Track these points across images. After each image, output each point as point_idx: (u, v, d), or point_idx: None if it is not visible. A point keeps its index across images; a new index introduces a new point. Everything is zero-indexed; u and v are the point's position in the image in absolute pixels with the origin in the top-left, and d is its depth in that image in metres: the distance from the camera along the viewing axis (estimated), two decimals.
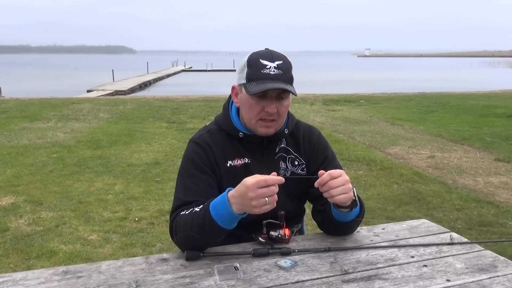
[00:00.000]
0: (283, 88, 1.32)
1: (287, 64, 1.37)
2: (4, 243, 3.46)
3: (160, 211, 4.13)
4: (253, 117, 1.39)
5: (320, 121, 9.79)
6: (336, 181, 1.24)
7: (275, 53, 1.38)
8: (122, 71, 34.37)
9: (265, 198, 1.15)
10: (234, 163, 1.43)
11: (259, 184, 1.15)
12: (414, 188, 4.86)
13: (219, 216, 1.22)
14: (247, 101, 1.38)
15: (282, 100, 1.37)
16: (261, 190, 1.15)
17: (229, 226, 1.24)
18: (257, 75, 1.33)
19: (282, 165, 1.48)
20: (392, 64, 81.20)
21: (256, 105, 1.36)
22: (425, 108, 11.84)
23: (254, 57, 1.37)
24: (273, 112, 1.36)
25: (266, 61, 1.35)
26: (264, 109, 1.36)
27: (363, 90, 18.02)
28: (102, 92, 19.39)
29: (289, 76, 1.36)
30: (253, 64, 1.36)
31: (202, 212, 1.25)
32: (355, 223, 1.40)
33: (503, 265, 1.24)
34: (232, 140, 1.46)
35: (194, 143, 1.45)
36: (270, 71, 1.33)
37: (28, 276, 1.17)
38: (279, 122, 1.41)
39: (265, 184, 1.15)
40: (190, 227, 1.26)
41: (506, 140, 7.28)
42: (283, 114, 1.40)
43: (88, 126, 8.98)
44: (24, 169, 5.56)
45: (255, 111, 1.37)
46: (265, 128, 1.40)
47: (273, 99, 1.35)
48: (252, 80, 1.34)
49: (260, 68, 1.34)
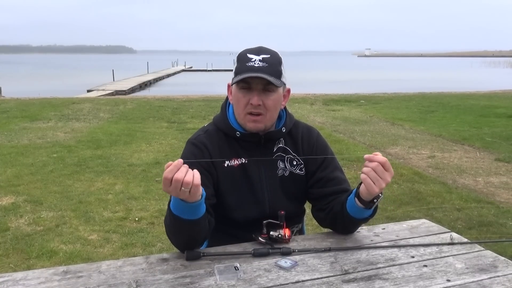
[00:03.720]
0: (261, 76, 1.32)
1: (274, 59, 1.38)
2: (4, 243, 3.46)
3: (160, 211, 4.13)
4: (241, 111, 1.40)
5: (320, 121, 9.78)
6: (385, 172, 1.23)
7: (264, 48, 1.39)
8: (122, 71, 34.38)
9: (182, 188, 1.12)
10: (231, 163, 1.43)
11: (166, 184, 1.12)
12: (414, 188, 4.86)
13: (179, 211, 1.21)
14: (235, 95, 1.40)
15: (268, 93, 1.37)
16: (171, 187, 1.12)
17: (195, 215, 1.22)
18: (242, 68, 1.35)
19: (280, 165, 1.48)
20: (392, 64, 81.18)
21: (242, 98, 1.38)
22: (425, 108, 11.83)
23: (242, 53, 1.39)
24: (256, 104, 1.35)
25: (252, 55, 1.37)
26: (249, 102, 1.36)
27: (363, 90, 18.01)
28: (102, 92, 19.39)
29: (275, 70, 1.37)
30: (240, 59, 1.38)
31: (168, 212, 1.26)
32: (362, 222, 1.39)
33: (503, 265, 1.24)
34: (230, 140, 1.46)
35: (191, 143, 1.46)
36: (255, 64, 1.35)
37: (28, 276, 1.17)
38: (267, 117, 1.39)
39: (169, 181, 1.12)
40: (168, 226, 1.28)
41: (506, 140, 7.28)
42: (271, 108, 1.39)
43: (89, 126, 8.98)
44: (25, 169, 5.56)
45: (242, 105, 1.38)
46: (253, 123, 1.39)
47: (259, 92, 1.36)
48: (237, 74, 1.36)
49: (246, 61, 1.36)
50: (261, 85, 1.36)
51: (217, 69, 50.40)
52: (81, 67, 64.07)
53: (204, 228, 1.28)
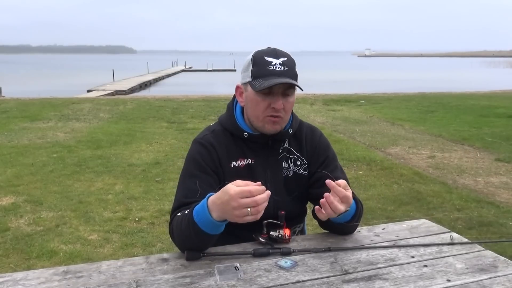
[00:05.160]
0: (290, 82, 1.33)
1: (291, 61, 1.38)
2: (5, 243, 3.46)
3: (161, 211, 4.13)
4: (260, 114, 1.38)
5: (320, 121, 9.78)
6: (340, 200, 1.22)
7: (279, 51, 1.39)
8: (122, 71, 34.37)
9: (248, 209, 1.10)
10: (238, 164, 1.43)
11: (242, 194, 1.10)
12: (414, 188, 4.86)
13: (201, 222, 1.19)
14: (254, 98, 1.37)
15: (287, 97, 1.37)
16: (244, 201, 1.09)
17: (215, 231, 1.21)
18: (263, 72, 1.34)
19: (284, 165, 1.48)
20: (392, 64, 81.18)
21: (262, 102, 1.36)
22: (425, 108, 11.83)
23: (258, 55, 1.37)
24: (280, 108, 1.36)
25: (271, 58, 1.35)
26: (271, 106, 1.36)
27: (363, 90, 18.01)
28: (102, 92, 19.39)
29: (294, 73, 1.37)
30: (258, 62, 1.36)
31: (187, 217, 1.23)
32: (355, 222, 1.39)
33: (504, 265, 1.24)
34: (236, 140, 1.45)
35: (198, 143, 1.45)
36: (276, 68, 1.34)
37: (28, 276, 1.17)
38: (284, 119, 1.41)
39: (250, 195, 1.10)
40: (181, 230, 1.25)
41: (506, 140, 7.28)
42: (289, 111, 1.41)
43: (88, 126, 8.98)
44: (25, 169, 5.56)
45: (261, 108, 1.37)
46: (272, 125, 1.39)
47: (279, 95, 1.36)
48: (258, 77, 1.34)
49: (266, 65, 1.34)
50: (282, 89, 1.36)
51: (217, 69, 50.41)
52: (81, 67, 64.04)
53: (214, 240, 1.27)
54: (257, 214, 1.11)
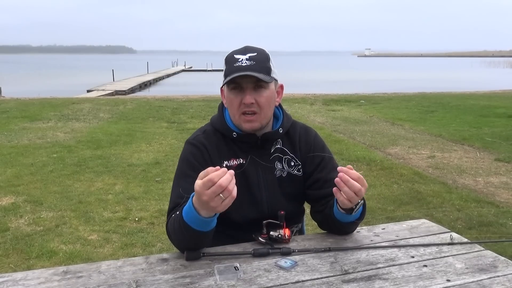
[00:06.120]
0: (248, 74, 1.32)
1: (261, 56, 1.38)
2: (4, 243, 3.46)
3: (160, 211, 4.13)
4: (236, 112, 1.40)
5: (320, 121, 9.79)
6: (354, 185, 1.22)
7: (249, 47, 1.40)
8: (122, 71, 34.38)
9: (219, 195, 1.10)
10: (230, 164, 1.43)
11: (206, 186, 1.10)
12: (414, 188, 4.86)
13: (191, 221, 1.19)
14: (228, 97, 1.41)
15: (260, 91, 1.37)
16: (211, 190, 1.09)
17: (207, 228, 1.21)
18: (231, 69, 1.36)
19: (278, 166, 1.47)
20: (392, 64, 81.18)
21: (235, 99, 1.38)
22: (425, 108, 11.83)
23: (229, 54, 1.40)
24: (249, 103, 1.35)
25: (239, 55, 1.37)
26: (242, 102, 1.36)
27: (363, 90, 18.02)
28: (102, 92, 19.40)
29: (264, 66, 1.37)
30: (228, 60, 1.39)
31: (178, 218, 1.24)
32: (356, 223, 1.40)
33: (503, 265, 1.24)
34: (227, 140, 1.46)
35: (190, 144, 1.46)
36: (242, 63, 1.35)
37: (28, 276, 1.17)
38: (262, 115, 1.39)
39: (212, 183, 1.09)
40: (176, 231, 1.26)
41: (506, 140, 7.28)
42: (264, 106, 1.38)
43: (88, 126, 8.98)
44: (24, 169, 5.56)
45: (235, 105, 1.38)
46: (248, 123, 1.39)
47: (251, 91, 1.36)
48: (227, 75, 1.36)
49: (233, 62, 1.36)
50: (252, 84, 1.36)
51: (217, 69, 50.39)
52: (81, 67, 64.06)
53: (211, 236, 1.27)
54: (230, 195, 1.12)
